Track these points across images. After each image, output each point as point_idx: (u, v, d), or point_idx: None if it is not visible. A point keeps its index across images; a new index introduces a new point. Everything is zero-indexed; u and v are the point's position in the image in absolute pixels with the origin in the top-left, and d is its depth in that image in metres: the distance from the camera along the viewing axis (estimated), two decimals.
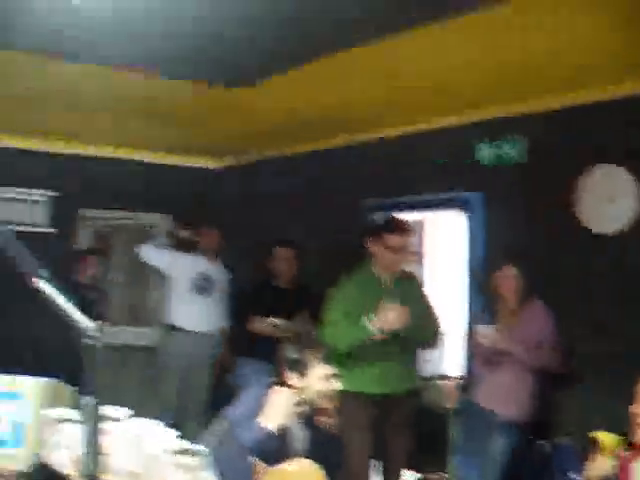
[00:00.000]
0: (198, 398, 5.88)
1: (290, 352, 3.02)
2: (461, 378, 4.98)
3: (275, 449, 2.80)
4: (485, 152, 4.78)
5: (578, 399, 4.06)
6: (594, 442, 2.28)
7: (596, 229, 4.18)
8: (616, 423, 2.43)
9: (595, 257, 4.15)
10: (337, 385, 3.04)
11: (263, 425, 2.82)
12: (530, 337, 4.03)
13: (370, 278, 4.28)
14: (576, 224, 4.25)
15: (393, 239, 4.17)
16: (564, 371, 4.03)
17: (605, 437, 2.30)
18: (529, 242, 4.40)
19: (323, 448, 3.02)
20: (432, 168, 5.07)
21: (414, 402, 4.46)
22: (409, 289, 4.34)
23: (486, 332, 4.06)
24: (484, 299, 4.41)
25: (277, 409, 2.86)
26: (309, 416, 3.07)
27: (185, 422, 5.40)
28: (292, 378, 2.93)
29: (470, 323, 4.72)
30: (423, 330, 4.22)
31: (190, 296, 5.86)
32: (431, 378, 5.33)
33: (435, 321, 4.35)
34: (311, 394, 2.98)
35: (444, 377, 5.32)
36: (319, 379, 2.97)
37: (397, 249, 4.19)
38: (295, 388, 2.92)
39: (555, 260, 4.31)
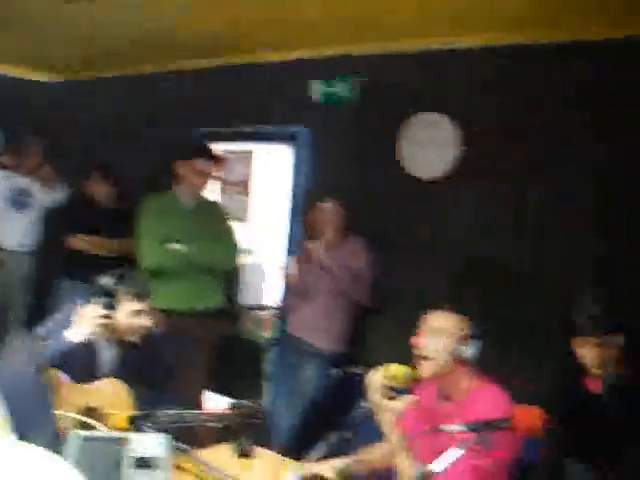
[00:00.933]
0: (14, 317, 5.66)
1: (104, 281, 3.08)
2: (278, 308, 5.10)
3: (81, 363, 2.88)
4: (318, 89, 4.82)
5: (382, 331, 4.31)
6: (385, 369, 2.42)
7: (417, 174, 4.35)
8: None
9: (416, 200, 4.34)
10: (147, 322, 3.11)
11: (68, 337, 2.87)
12: (347, 269, 4.15)
13: (172, 200, 4.45)
14: (399, 167, 4.40)
15: (201, 163, 4.36)
16: (372, 304, 4.23)
17: (396, 368, 2.44)
18: (354, 180, 4.52)
19: (135, 368, 3.06)
20: (265, 101, 5.06)
21: (219, 324, 4.58)
22: (209, 213, 4.53)
23: (314, 246, 4.22)
24: (305, 232, 4.51)
25: (83, 323, 2.92)
26: (119, 337, 3.11)
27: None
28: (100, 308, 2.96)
29: (289, 254, 4.83)
30: (218, 253, 4.39)
31: (6, 213, 5.57)
32: (249, 308, 5.43)
33: (232, 246, 4.52)
34: (121, 327, 3.07)
35: (262, 307, 5.43)
36: (128, 314, 3.06)
37: (203, 173, 4.38)
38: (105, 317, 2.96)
39: (377, 200, 4.46)
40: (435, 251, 4.23)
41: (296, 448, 2.39)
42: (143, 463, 1.69)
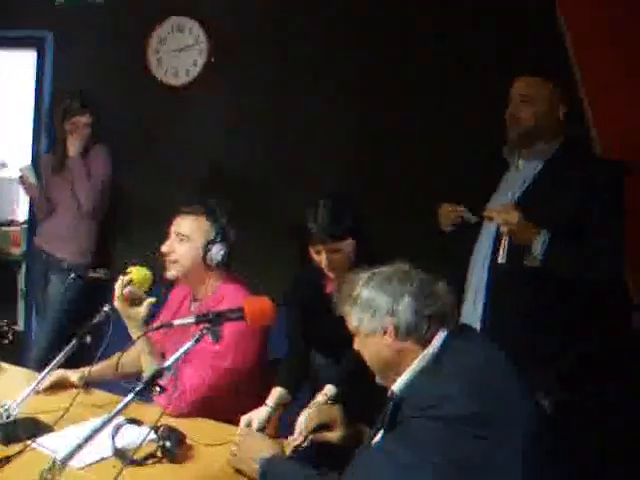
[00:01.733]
0: None
1: None
2: (27, 223, 4.89)
3: None
4: None
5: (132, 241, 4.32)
6: (125, 274, 2.44)
7: (165, 80, 4.27)
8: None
9: (160, 107, 4.28)
10: None
11: None
12: (90, 179, 4.06)
13: None
14: (148, 73, 4.30)
15: None
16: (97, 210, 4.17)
17: (136, 271, 2.47)
18: (100, 87, 4.34)
19: None
20: (7, 3, 4.69)
21: None
22: None
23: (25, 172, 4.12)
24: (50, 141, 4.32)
25: None
26: None
27: None
28: None
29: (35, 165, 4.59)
30: None
31: None
32: None
33: None
34: None
35: (11, 223, 5.18)
36: None
37: None
38: None
39: (125, 107, 4.34)
40: (182, 157, 4.23)
41: (49, 361, 2.34)
42: None
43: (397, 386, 1.83)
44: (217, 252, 2.60)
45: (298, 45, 3.94)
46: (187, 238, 2.61)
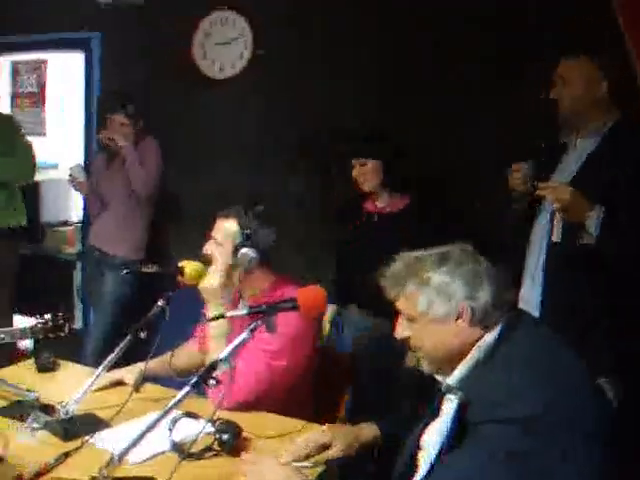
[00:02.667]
0: None
1: None
2: (80, 222, 4.96)
3: None
4: None
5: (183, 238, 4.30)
6: (182, 269, 2.44)
7: (210, 74, 4.28)
8: None
9: (211, 100, 4.28)
10: None
11: None
12: (144, 170, 4.07)
13: None
14: (192, 67, 4.31)
15: None
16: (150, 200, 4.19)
17: (188, 265, 2.46)
18: (146, 84, 4.39)
19: None
20: (51, 6, 4.75)
21: (22, 244, 4.49)
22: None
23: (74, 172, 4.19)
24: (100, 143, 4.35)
25: None
26: None
27: None
28: None
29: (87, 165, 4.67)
30: (10, 168, 4.18)
31: None
32: (53, 224, 5.24)
33: (26, 161, 4.28)
34: None
35: (65, 223, 5.26)
36: None
37: None
38: None
39: (174, 102, 4.36)
40: (232, 154, 4.23)
41: (105, 357, 2.36)
42: None
43: (454, 378, 1.76)
44: (244, 256, 2.54)
45: (340, 33, 3.91)
46: (218, 243, 2.59)
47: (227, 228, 2.58)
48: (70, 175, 4.24)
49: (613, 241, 2.46)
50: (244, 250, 2.53)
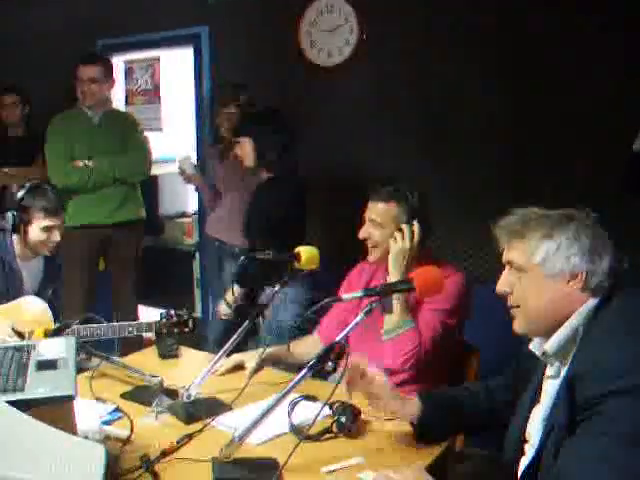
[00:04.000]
0: None
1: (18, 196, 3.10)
2: (197, 213, 5.07)
3: None
4: None
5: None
6: (298, 254, 2.46)
7: (317, 61, 4.28)
8: None
9: (319, 88, 4.28)
10: (56, 237, 3.12)
11: None
12: None
13: (77, 116, 4.41)
14: (300, 56, 4.32)
15: (81, 70, 4.29)
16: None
17: (304, 251, 2.48)
18: (256, 75, 4.44)
19: None
20: (161, 4, 4.89)
21: (141, 236, 4.63)
22: (115, 125, 4.45)
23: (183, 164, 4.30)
24: (213, 135, 4.44)
25: None
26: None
27: None
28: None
29: (200, 159, 4.78)
30: (126, 165, 4.36)
31: None
32: (172, 217, 5.39)
33: (141, 157, 4.46)
34: (31, 243, 3.10)
35: (184, 214, 5.40)
36: (40, 230, 3.07)
37: (85, 80, 4.30)
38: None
39: (283, 91, 4.39)
40: (341, 137, 4.22)
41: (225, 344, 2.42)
42: (46, 364, 1.69)
43: (552, 345, 1.69)
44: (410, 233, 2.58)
45: (443, 22, 3.84)
46: (380, 225, 2.62)
47: (387, 210, 2.61)
48: (179, 167, 4.34)
49: None
50: (409, 227, 2.57)
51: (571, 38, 3.43)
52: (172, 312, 2.77)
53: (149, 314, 4.69)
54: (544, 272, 1.68)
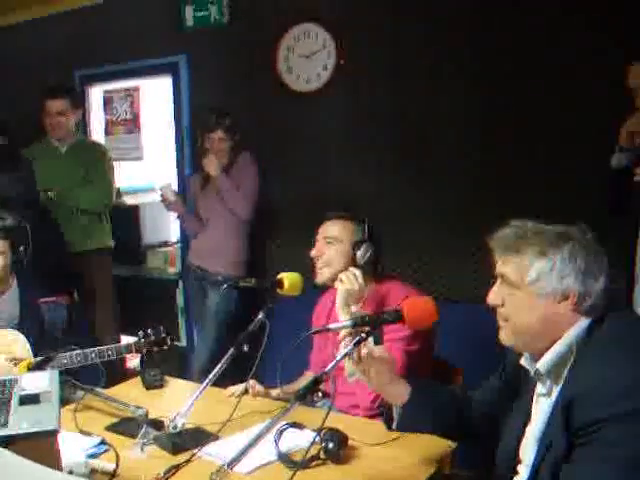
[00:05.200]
0: None
1: None
2: (180, 242, 5.07)
3: None
4: (189, 14, 4.71)
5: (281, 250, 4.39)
6: (280, 281, 2.46)
7: (295, 87, 4.30)
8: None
9: (295, 114, 4.31)
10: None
11: None
12: (239, 188, 4.13)
13: (45, 147, 4.50)
14: (277, 82, 4.34)
15: (48, 103, 4.39)
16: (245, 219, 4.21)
17: (286, 276, 2.48)
18: (234, 102, 4.46)
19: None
20: (138, 34, 4.91)
21: (105, 264, 4.63)
22: (80, 156, 4.50)
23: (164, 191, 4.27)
24: (193, 161, 4.45)
25: None
26: None
27: None
28: None
29: (181, 187, 4.79)
30: (85, 195, 4.40)
31: None
32: (154, 245, 5.37)
33: (102, 188, 4.49)
34: None
35: (166, 244, 5.38)
36: None
37: (52, 114, 4.40)
38: None
39: (262, 117, 4.41)
40: (319, 161, 4.26)
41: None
42: (29, 399, 1.67)
43: (544, 364, 1.68)
44: (365, 251, 2.60)
45: (422, 43, 3.88)
46: (336, 240, 2.64)
47: (344, 226, 2.65)
48: (161, 195, 4.34)
49: None
50: (366, 245, 2.59)
51: (552, 53, 3.47)
52: (149, 331, 2.78)
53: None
54: (536, 291, 1.67)
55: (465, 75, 3.75)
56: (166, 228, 5.55)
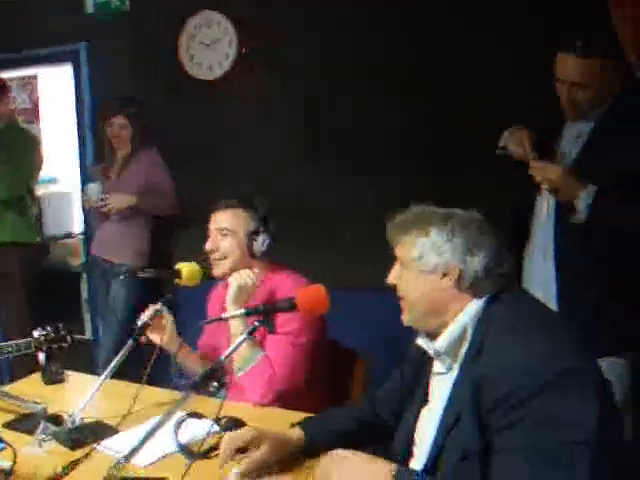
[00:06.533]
0: None
1: None
2: (83, 234, 4.98)
3: None
4: (89, 1, 4.61)
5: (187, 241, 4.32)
6: (178, 271, 2.46)
7: (199, 75, 4.27)
8: None
9: (198, 102, 4.29)
10: None
11: None
12: (139, 183, 4.10)
13: None
14: (180, 70, 4.30)
15: None
16: (175, 214, 4.23)
17: (184, 267, 2.49)
18: (137, 90, 4.40)
19: None
20: (37, 20, 4.78)
21: (25, 257, 4.46)
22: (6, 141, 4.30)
23: (90, 192, 4.12)
24: (96, 152, 4.38)
25: None
26: None
27: None
28: None
29: (83, 178, 4.70)
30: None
31: None
32: (58, 237, 5.27)
33: (20, 175, 4.33)
34: None
35: (70, 235, 5.28)
36: None
37: None
38: None
39: (165, 105, 4.37)
40: (225, 152, 4.27)
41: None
42: None
43: (442, 342, 1.74)
44: (262, 242, 2.58)
45: (328, 30, 3.91)
46: (229, 232, 2.59)
47: (236, 216, 2.59)
48: (86, 195, 4.19)
49: (604, 219, 2.45)
50: (262, 235, 2.57)
51: (474, 53, 3.53)
52: (48, 328, 2.72)
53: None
54: (420, 267, 1.75)
55: (371, 60, 3.82)
56: (69, 220, 5.46)
